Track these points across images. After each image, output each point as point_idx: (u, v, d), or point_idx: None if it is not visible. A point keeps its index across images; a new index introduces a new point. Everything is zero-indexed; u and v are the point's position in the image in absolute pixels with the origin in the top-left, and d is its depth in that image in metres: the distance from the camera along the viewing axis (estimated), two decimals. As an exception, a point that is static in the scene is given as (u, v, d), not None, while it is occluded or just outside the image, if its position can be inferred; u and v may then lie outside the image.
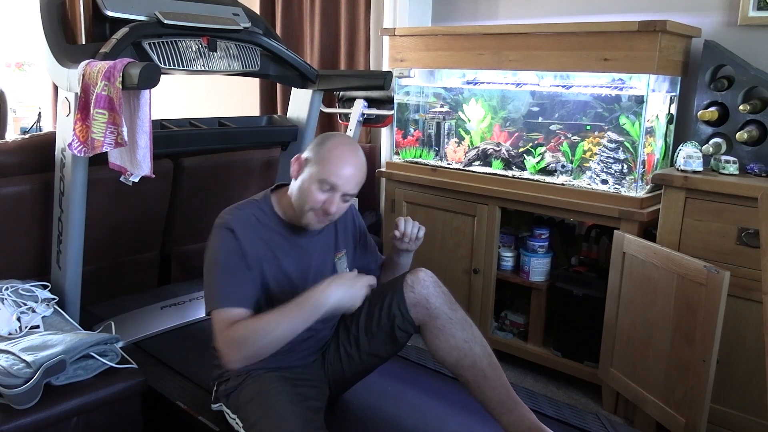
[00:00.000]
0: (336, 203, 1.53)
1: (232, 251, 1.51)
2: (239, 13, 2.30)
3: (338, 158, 1.52)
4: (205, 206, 2.69)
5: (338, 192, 1.52)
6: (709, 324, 1.89)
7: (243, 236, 1.53)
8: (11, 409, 1.50)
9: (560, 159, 2.55)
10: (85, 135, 1.72)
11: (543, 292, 2.61)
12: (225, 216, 1.56)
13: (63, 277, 2.06)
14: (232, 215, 1.56)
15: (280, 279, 1.59)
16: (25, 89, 5.08)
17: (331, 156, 1.52)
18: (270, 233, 1.58)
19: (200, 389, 1.91)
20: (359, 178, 1.56)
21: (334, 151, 1.52)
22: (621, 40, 2.25)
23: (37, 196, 2.14)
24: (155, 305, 2.51)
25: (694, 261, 1.96)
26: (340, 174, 1.51)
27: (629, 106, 2.36)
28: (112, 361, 1.69)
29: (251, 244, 1.53)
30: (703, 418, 1.94)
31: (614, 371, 2.31)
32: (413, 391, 1.96)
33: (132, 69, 1.63)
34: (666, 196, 2.16)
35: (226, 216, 1.56)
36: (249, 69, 2.29)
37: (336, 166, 1.51)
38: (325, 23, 3.61)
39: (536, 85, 2.62)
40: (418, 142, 2.95)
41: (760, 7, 2.32)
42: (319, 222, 1.57)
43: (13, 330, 1.81)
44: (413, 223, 1.68)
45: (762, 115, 2.22)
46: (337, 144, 1.55)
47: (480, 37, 2.60)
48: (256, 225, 1.57)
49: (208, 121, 2.55)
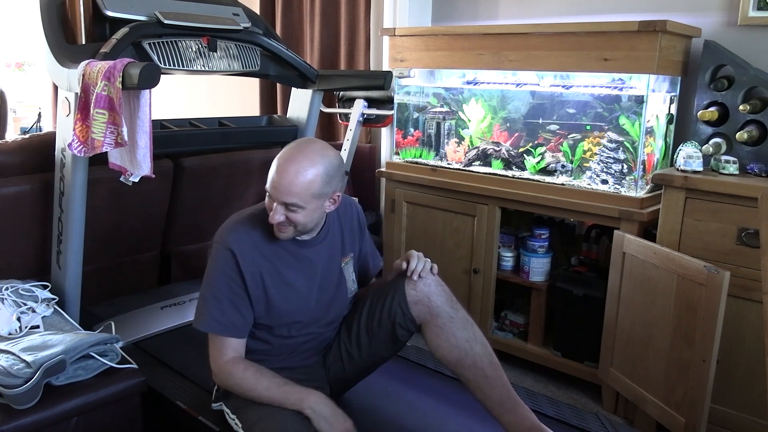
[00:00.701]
0: (278, 212, 1.47)
1: (229, 277, 1.52)
2: (239, 13, 2.30)
3: (276, 166, 1.47)
4: (205, 206, 2.70)
5: (274, 201, 1.47)
6: (709, 324, 1.89)
7: (242, 258, 1.52)
8: (11, 409, 1.50)
9: (560, 159, 2.55)
10: (85, 135, 1.72)
11: (543, 292, 2.61)
12: (227, 234, 1.55)
13: (63, 277, 2.06)
14: (233, 234, 1.54)
15: (284, 291, 1.58)
16: (25, 89, 5.08)
17: (274, 163, 1.48)
18: (273, 247, 1.56)
19: (200, 389, 1.91)
20: (298, 187, 1.44)
21: (278, 159, 1.48)
22: (621, 40, 2.25)
23: (37, 196, 2.13)
24: (155, 305, 2.51)
25: (694, 261, 1.96)
26: (272, 182, 1.47)
27: (629, 106, 2.36)
28: (112, 361, 1.68)
29: (251, 265, 1.53)
30: (703, 418, 1.94)
31: (614, 371, 2.31)
32: (413, 391, 1.96)
33: (132, 69, 1.63)
34: (666, 196, 2.16)
35: (227, 234, 1.55)
36: (249, 69, 2.29)
37: (273, 174, 1.47)
38: (325, 23, 3.61)
39: (536, 85, 2.62)
40: (418, 142, 2.95)
41: (760, 7, 2.32)
42: (280, 231, 1.52)
43: (13, 330, 1.81)
44: (426, 261, 1.62)
45: (762, 115, 2.22)
46: (286, 150, 1.49)
47: (480, 37, 2.60)
48: (259, 242, 1.55)
49: (208, 121, 2.55)
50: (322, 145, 1.52)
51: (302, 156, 1.47)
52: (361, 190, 3.49)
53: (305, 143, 1.54)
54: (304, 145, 1.52)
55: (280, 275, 1.57)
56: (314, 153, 1.48)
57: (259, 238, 1.55)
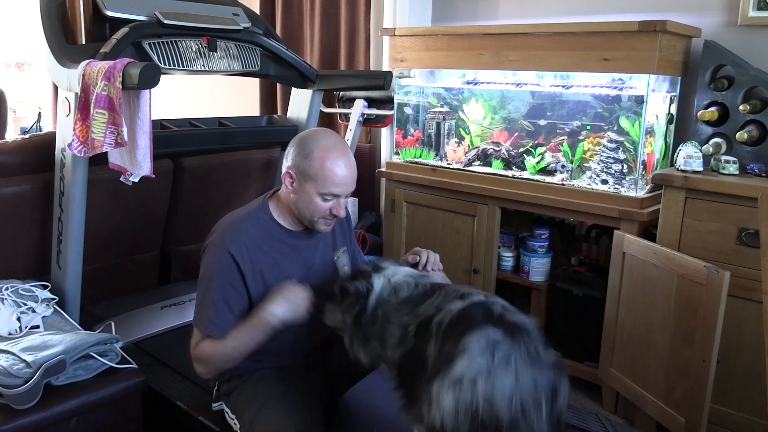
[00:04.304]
0: (343, 206, 1.59)
1: (226, 279, 1.54)
2: (239, 13, 2.30)
3: (330, 169, 1.52)
4: (205, 206, 2.69)
5: (341, 197, 1.56)
6: (709, 324, 1.89)
7: (241, 259, 1.54)
8: (11, 409, 1.50)
9: (560, 159, 2.55)
10: (85, 135, 1.72)
11: (543, 292, 2.61)
12: (224, 236, 1.56)
13: (63, 277, 2.06)
14: (231, 236, 1.56)
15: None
16: (25, 89, 5.08)
17: (324, 169, 1.52)
18: (271, 242, 1.60)
19: (200, 389, 1.91)
20: (354, 173, 1.57)
21: (327, 162, 1.52)
22: (621, 40, 2.24)
23: (37, 196, 2.13)
24: (155, 305, 2.51)
25: (694, 261, 1.96)
26: (338, 182, 1.53)
27: (629, 106, 2.36)
28: (112, 361, 1.69)
29: (251, 264, 1.55)
30: (703, 418, 1.94)
31: (614, 371, 2.31)
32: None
33: (132, 69, 1.63)
34: (666, 196, 2.16)
35: (225, 237, 1.56)
36: (249, 69, 2.29)
37: (333, 177, 1.52)
38: (325, 23, 3.61)
39: (536, 85, 2.62)
40: (418, 142, 2.95)
41: (760, 7, 2.32)
42: (329, 225, 1.61)
43: (13, 330, 1.81)
44: (435, 255, 1.66)
45: (762, 115, 2.22)
46: (325, 153, 1.53)
47: (480, 37, 2.60)
48: (257, 240, 1.57)
49: (208, 121, 2.55)
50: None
51: (343, 144, 1.59)
52: (361, 190, 3.47)
53: (329, 134, 1.61)
54: (329, 140, 1.57)
55: (280, 269, 1.60)
56: (340, 138, 1.62)
57: (257, 237, 1.58)
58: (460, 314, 1.27)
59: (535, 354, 1.18)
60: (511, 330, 1.20)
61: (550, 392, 1.15)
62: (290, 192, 1.58)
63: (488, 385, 1.11)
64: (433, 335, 1.27)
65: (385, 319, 1.40)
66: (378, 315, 1.41)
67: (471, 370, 1.13)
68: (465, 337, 1.17)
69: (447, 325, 1.26)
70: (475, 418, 1.11)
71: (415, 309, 1.37)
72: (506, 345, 1.16)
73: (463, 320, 1.24)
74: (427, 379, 1.21)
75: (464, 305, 1.29)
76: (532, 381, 1.14)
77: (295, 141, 1.59)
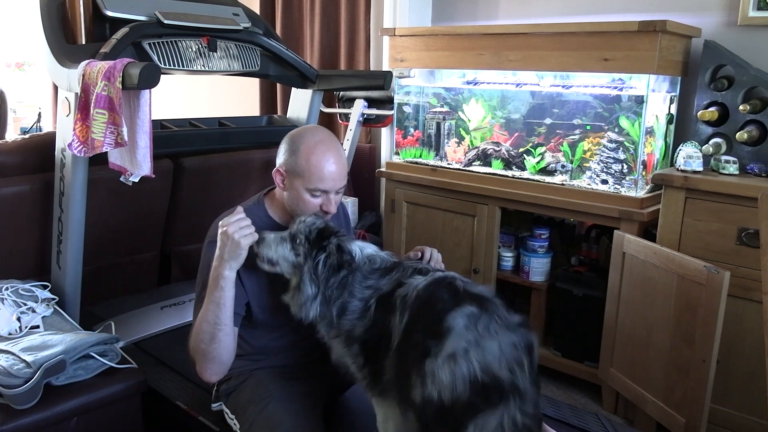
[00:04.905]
0: (333, 202, 1.56)
1: None
2: (239, 13, 2.30)
3: (317, 165, 1.51)
4: (205, 206, 2.69)
5: (330, 193, 1.55)
6: (709, 324, 1.89)
7: None
8: (11, 409, 1.50)
9: (560, 159, 2.55)
10: (85, 135, 1.72)
11: (543, 292, 2.61)
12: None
13: (63, 277, 2.06)
14: None
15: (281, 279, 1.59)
16: (25, 89, 5.08)
17: (310, 165, 1.51)
18: None
19: (200, 389, 1.91)
20: (343, 169, 1.56)
21: (312, 158, 1.52)
22: (621, 40, 2.24)
23: (37, 196, 2.13)
24: (155, 305, 2.51)
25: (694, 261, 1.96)
26: (324, 178, 1.52)
27: (629, 106, 2.36)
28: (112, 361, 1.69)
29: (248, 260, 1.52)
30: (703, 418, 1.94)
31: (614, 371, 2.31)
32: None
33: (132, 69, 1.63)
34: (666, 196, 2.16)
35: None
36: (249, 69, 2.29)
37: (319, 173, 1.51)
38: (325, 23, 3.61)
39: (536, 85, 2.62)
40: (418, 142, 2.95)
41: (760, 7, 2.32)
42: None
43: (13, 330, 1.81)
44: (438, 254, 1.67)
45: (762, 115, 2.22)
46: (311, 148, 1.53)
47: (480, 37, 2.60)
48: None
49: (208, 121, 2.55)
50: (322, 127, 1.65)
51: (330, 140, 1.56)
52: (361, 190, 3.49)
53: (317, 130, 1.60)
54: (316, 135, 1.56)
55: None
56: (330, 133, 1.59)
57: None
58: (428, 291, 1.33)
59: (506, 319, 1.28)
60: (480, 302, 1.29)
61: (527, 350, 1.26)
62: (282, 189, 1.59)
63: (479, 354, 1.21)
64: (397, 308, 1.34)
65: (350, 290, 1.42)
66: (348, 281, 1.42)
67: (461, 344, 1.22)
68: (447, 316, 1.26)
69: (414, 300, 1.32)
70: (476, 384, 1.19)
71: (378, 282, 1.42)
72: (484, 316, 1.26)
73: (435, 298, 1.31)
74: (412, 359, 1.27)
75: (428, 281, 1.35)
76: (511, 343, 1.24)
77: (285, 139, 1.60)
